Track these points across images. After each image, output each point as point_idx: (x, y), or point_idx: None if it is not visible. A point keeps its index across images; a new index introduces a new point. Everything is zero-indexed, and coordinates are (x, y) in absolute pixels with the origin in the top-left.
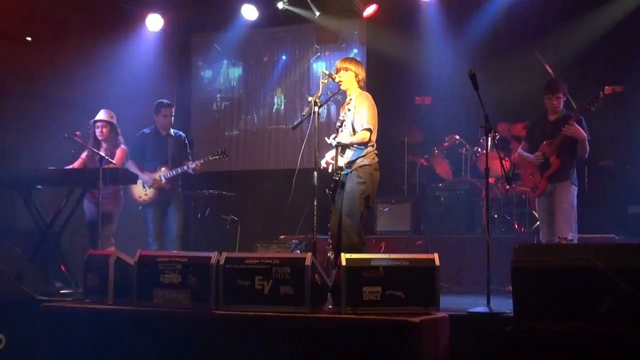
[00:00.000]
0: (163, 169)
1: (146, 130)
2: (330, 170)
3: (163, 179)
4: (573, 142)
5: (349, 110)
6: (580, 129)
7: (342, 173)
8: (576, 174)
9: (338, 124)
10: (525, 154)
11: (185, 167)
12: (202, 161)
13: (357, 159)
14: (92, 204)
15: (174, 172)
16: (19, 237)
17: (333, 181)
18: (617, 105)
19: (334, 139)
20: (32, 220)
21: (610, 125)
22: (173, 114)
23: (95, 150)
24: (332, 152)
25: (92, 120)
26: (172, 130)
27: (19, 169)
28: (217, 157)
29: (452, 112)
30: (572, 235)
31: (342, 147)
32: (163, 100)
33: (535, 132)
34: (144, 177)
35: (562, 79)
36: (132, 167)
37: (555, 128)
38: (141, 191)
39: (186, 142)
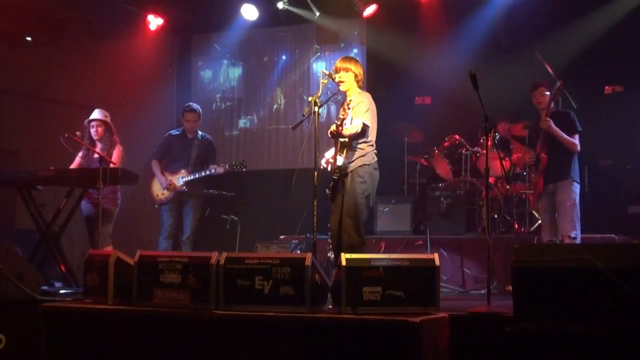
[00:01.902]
0: (182, 171)
1: (174, 132)
2: (329, 169)
3: (180, 181)
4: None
5: (349, 109)
6: (552, 124)
7: (341, 172)
8: (577, 171)
9: (338, 122)
10: (525, 156)
11: (207, 172)
12: (223, 167)
13: (357, 159)
14: (88, 203)
15: (193, 175)
16: (19, 237)
17: (332, 180)
18: (617, 105)
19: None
20: (32, 220)
21: (610, 125)
22: (196, 119)
23: (94, 150)
24: (332, 151)
25: (86, 120)
26: (199, 134)
27: (19, 169)
28: (235, 167)
29: (452, 112)
30: (575, 233)
31: (342, 146)
32: (189, 105)
33: (533, 134)
34: (161, 178)
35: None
36: (154, 167)
37: None
38: (159, 190)
39: (213, 146)
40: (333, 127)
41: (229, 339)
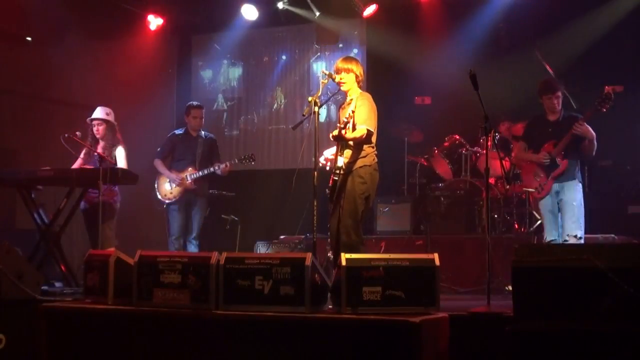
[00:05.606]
0: (190, 169)
1: (177, 131)
2: (328, 167)
3: (189, 178)
4: (577, 142)
5: (352, 111)
6: (590, 127)
7: (341, 173)
8: (580, 172)
9: (341, 125)
10: (528, 154)
11: (212, 169)
12: (229, 163)
13: (357, 160)
14: (85, 202)
15: (200, 173)
16: (19, 237)
17: (332, 180)
18: (617, 105)
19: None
20: (32, 220)
21: (610, 125)
22: (203, 115)
23: (95, 150)
24: (331, 150)
25: (89, 119)
26: (202, 132)
27: (19, 169)
28: (244, 161)
29: (452, 112)
30: (581, 233)
31: (342, 146)
32: (193, 102)
33: (535, 133)
34: (171, 175)
35: (557, 78)
36: (160, 166)
37: (557, 128)
38: (167, 190)
39: (216, 144)
40: (335, 132)
41: (229, 339)
